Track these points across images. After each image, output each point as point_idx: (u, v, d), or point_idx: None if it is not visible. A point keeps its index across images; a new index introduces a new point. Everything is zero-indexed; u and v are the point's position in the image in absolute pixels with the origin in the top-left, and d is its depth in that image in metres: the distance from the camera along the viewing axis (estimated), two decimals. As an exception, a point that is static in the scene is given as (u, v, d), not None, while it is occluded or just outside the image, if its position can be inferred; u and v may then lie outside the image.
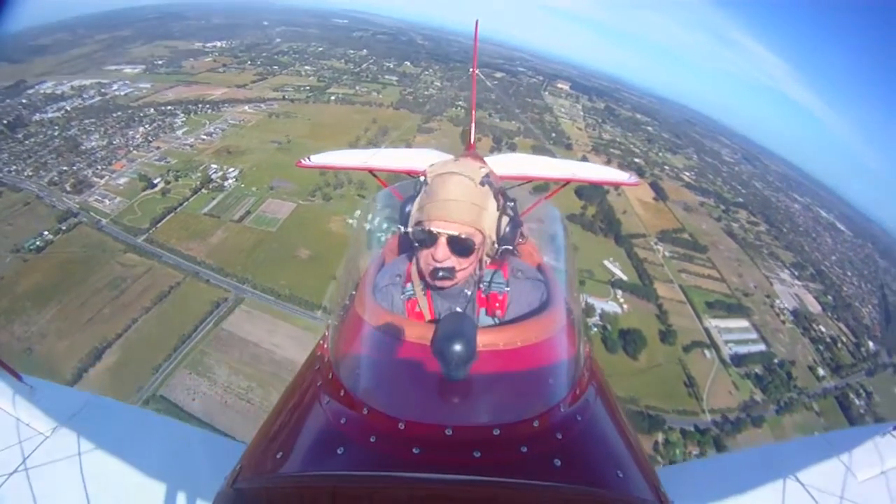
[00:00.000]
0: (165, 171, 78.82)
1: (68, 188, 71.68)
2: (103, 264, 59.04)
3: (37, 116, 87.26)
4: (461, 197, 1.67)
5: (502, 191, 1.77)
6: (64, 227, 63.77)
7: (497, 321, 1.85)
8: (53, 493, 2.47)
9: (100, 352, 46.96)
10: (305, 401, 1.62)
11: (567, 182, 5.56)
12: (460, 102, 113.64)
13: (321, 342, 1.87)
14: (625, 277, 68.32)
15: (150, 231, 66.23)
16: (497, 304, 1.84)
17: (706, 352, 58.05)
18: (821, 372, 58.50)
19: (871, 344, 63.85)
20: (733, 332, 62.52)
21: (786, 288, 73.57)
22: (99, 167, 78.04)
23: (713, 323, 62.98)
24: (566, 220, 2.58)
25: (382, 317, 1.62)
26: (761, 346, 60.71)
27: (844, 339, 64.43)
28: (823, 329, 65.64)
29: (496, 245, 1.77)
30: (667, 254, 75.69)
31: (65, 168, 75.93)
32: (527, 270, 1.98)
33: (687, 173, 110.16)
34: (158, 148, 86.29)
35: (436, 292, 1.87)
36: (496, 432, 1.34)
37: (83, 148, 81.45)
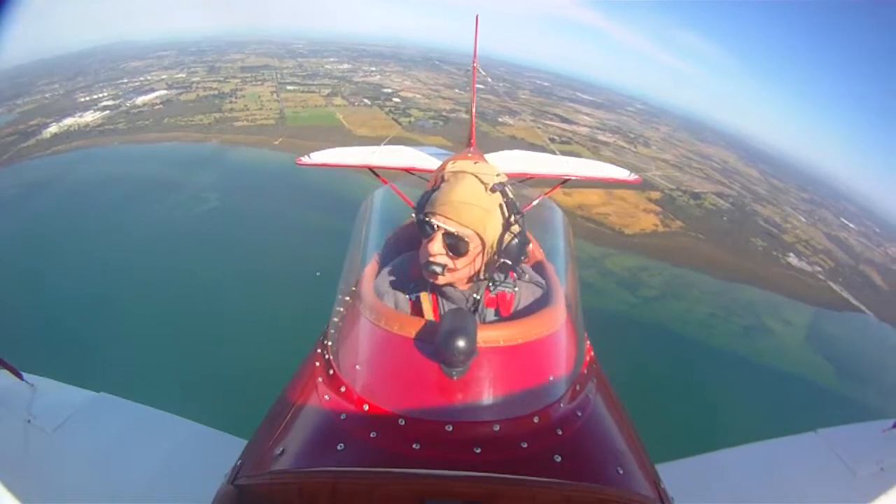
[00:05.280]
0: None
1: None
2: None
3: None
4: (467, 198, 1.63)
5: (512, 203, 1.70)
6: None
7: (504, 321, 1.80)
8: (56, 492, 2.41)
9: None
10: (306, 397, 1.60)
11: (567, 179, 5.48)
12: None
13: (321, 338, 1.84)
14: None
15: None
16: (505, 305, 1.83)
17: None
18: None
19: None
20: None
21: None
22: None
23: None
24: (566, 216, 2.59)
25: (384, 313, 1.60)
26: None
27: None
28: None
29: (498, 257, 1.69)
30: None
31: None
32: (529, 270, 1.99)
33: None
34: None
35: (440, 293, 1.81)
36: (496, 428, 1.35)
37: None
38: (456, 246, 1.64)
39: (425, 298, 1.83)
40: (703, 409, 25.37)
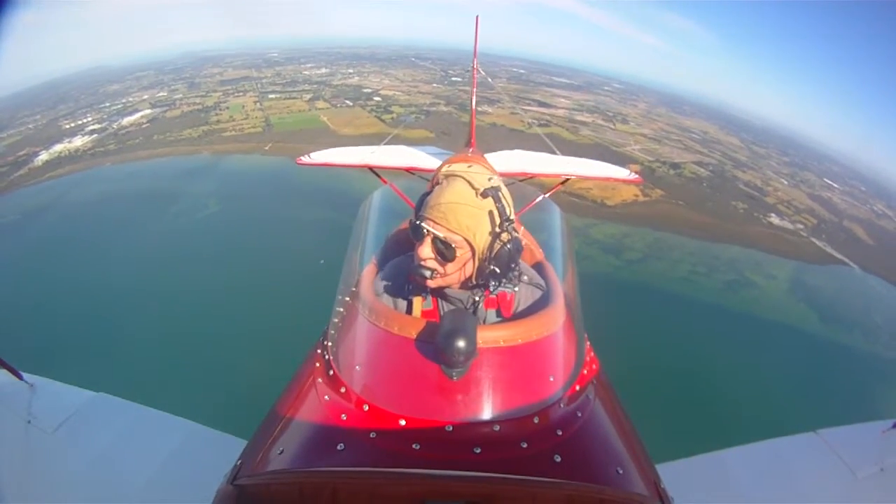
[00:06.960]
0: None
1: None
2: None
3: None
4: (457, 202, 1.63)
5: (503, 209, 1.65)
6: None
7: (504, 321, 1.81)
8: (56, 492, 2.43)
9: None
10: (306, 397, 1.63)
11: (567, 178, 5.51)
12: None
13: (321, 339, 1.86)
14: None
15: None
16: (505, 305, 1.83)
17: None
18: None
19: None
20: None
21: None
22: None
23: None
24: (566, 215, 2.61)
25: (383, 314, 1.60)
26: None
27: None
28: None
29: (489, 264, 1.66)
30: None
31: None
32: (529, 270, 1.98)
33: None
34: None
35: (440, 296, 1.82)
36: (496, 428, 1.37)
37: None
38: (444, 251, 1.64)
39: (417, 302, 1.86)
40: (685, 354, 27.00)
